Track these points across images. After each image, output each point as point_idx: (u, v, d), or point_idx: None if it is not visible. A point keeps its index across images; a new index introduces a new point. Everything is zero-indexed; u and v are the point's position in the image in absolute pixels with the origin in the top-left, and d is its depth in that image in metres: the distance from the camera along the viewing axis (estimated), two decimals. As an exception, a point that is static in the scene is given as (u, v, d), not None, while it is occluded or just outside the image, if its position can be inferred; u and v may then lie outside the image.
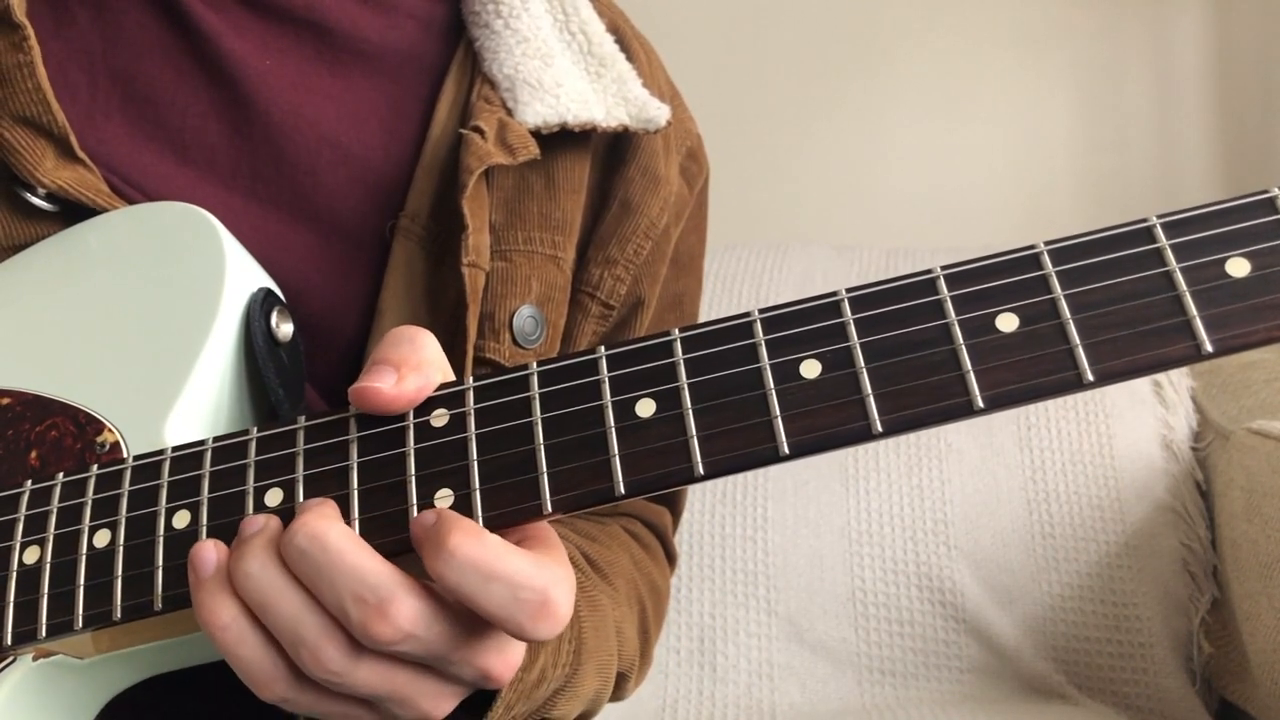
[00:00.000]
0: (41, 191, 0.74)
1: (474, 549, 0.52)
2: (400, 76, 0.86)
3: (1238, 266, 0.48)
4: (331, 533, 0.53)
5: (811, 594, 1.42)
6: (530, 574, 0.52)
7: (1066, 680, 1.36)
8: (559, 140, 0.83)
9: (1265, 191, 0.49)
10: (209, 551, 0.55)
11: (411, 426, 0.57)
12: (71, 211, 0.74)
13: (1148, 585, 1.37)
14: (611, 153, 0.89)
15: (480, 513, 0.54)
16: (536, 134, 0.82)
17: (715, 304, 1.59)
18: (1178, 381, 1.48)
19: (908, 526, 1.43)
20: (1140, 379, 1.46)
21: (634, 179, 0.88)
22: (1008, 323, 0.50)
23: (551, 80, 0.84)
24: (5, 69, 0.74)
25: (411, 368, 0.57)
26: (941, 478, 1.45)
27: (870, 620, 1.40)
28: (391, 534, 0.55)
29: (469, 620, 0.54)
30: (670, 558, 1.02)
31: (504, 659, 0.57)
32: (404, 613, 0.52)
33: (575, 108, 0.83)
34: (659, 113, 0.85)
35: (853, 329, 0.52)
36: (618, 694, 0.87)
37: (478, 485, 0.55)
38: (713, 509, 1.47)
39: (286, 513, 0.57)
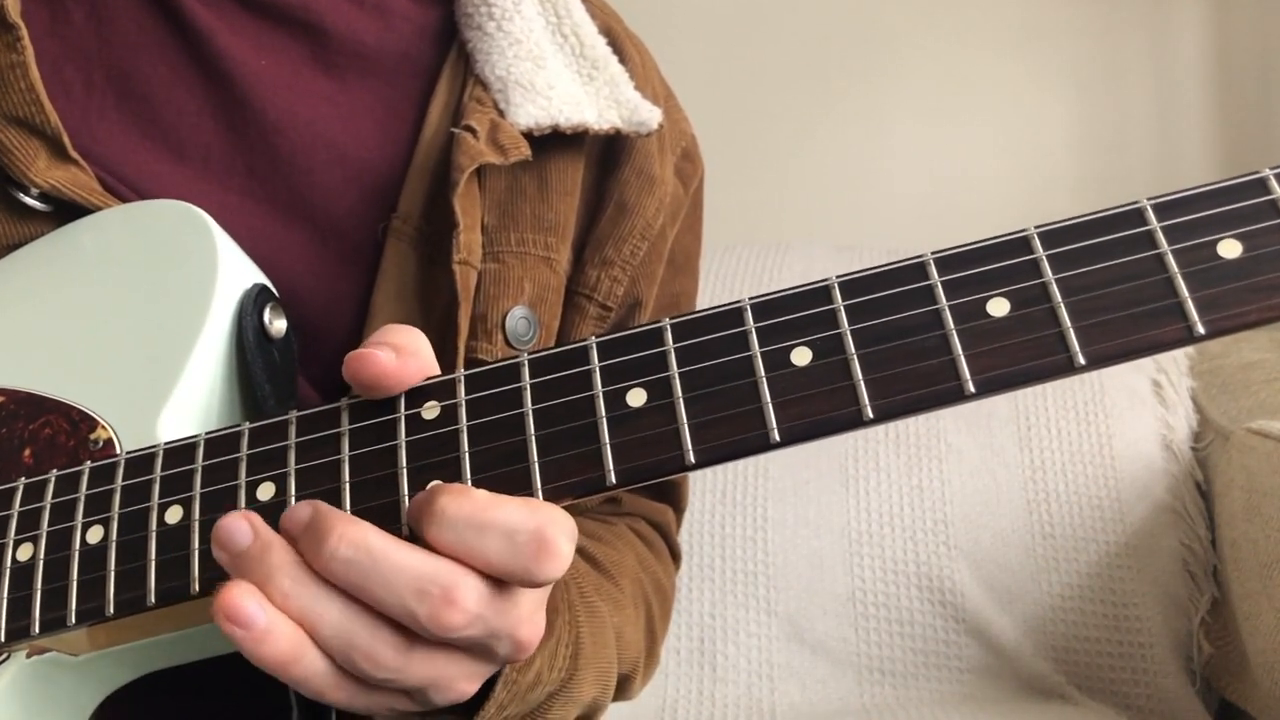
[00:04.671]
0: (34, 191, 0.74)
1: (462, 505, 0.52)
2: (394, 78, 0.86)
3: (1229, 248, 0.48)
4: (370, 535, 0.53)
5: (811, 594, 1.42)
6: (523, 517, 0.52)
7: (1066, 680, 1.36)
8: (552, 142, 0.83)
9: (1256, 172, 0.49)
10: (245, 597, 0.53)
11: (403, 419, 0.57)
12: (65, 211, 0.74)
13: (1148, 585, 1.37)
14: (606, 154, 0.88)
15: (473, 504, 0.54)
16: (529, 136, 0.82)
17: (715, 304, 1.59)
18: (1178, 381, 1.48)
19: (908, 526, 1.43)
20: (1140, 379, 1.47)
21: (629, 180, 0.88)
22: (999, 307, 0.50)
23: (544, 82, 0.84)
24: None
25: (410, 353, 0.57)
26: (941, 478, 1.45)
27: (870, 620, 1.40)
28: (385, 527, 0.55)
29: (509, 591, 0.54)
30: (674, 555, 1.02)
31: (535, 626, 0.57)
32: (470, 596, 0.52)
33: (567, 110, 0.83)
34: (650, 116, 0.85)
35: (843, 315, 0.52)
36: (623, 694, 0.87)
37: (469, 477, 0.55)
38: (713, 509, 1.47)
39: (278, 506, 0.57)
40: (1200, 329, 0.48)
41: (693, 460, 0.52)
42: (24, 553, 0.60)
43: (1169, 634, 1.35)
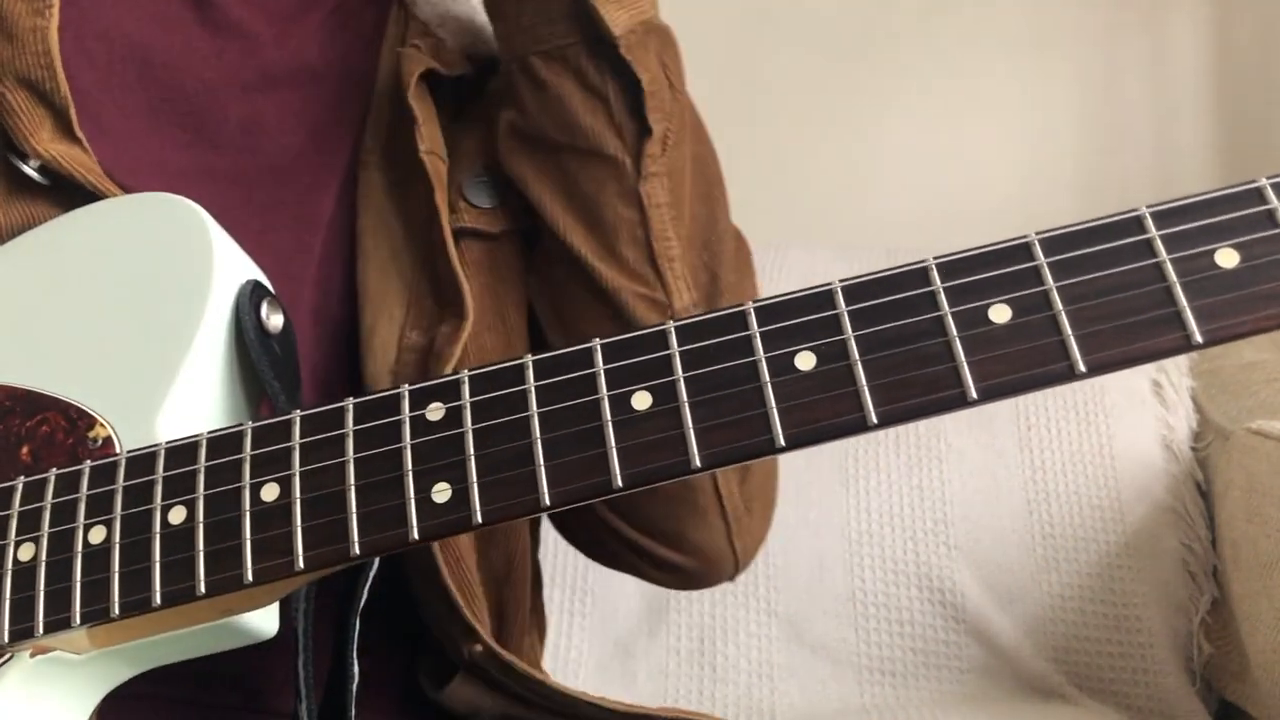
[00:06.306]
0: (34, 162, 0.74)
1: None
2: (361, 25, 0.90)
3: (1227, 257, 0.49)
4: None
5: (811, 594, 1.42)
6: None
7: (1066, 680, 1.36)
8: (488, 69, 0.89)
9: (1253, 181, 0.50)
10: None
11: (407, 420, 0.57)
12: (63, 189, 0.75)
13: (1148, 585, 1.37)
14: None
15: (479, 507, 0.54)
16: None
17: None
18: (1178, 381, 1.48)
19: (908, 526, 1.43)
20: (1140, 380, 1.47)
21: None
22: (1001, 314, 0.50)
23: (480, 24, 0.89)
24: (19, 30, 0.75)
25: None
26: (941, 478, 1.45)
27: (870, 620, 1.40)
28: (389, 530, 0.55)
29: None
30: None
31: None
32: None
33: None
34: None
35: (846, 321, 0.52)
36: None
37: (475, 479, 0.54)
38: (712, 509, 1.47)
39: (283, 509, 0.57)
40: (1198, 338, 0.48)
41: (699, 464, 0.52)
42: (25, 553, 0.60)
43: (1169, 634, 1.35)
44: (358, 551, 0.55)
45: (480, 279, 0.81)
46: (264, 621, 0.65)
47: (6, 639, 0.60)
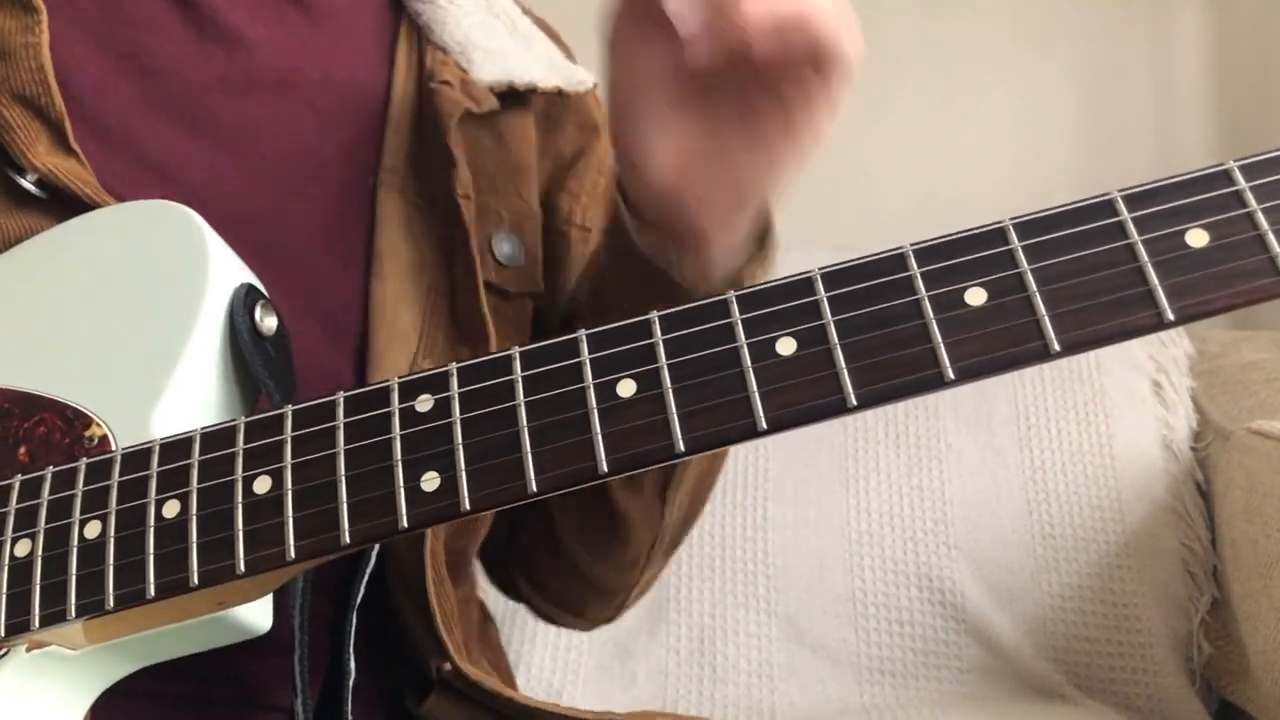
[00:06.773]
0: (32, 176, 0.75)
1: None
2: (361, 41, 0.90)
3: (1197, 237, 0.50)
4: None
5: (811, 594, 1.42)
6: None
7: (1066, 680, 1.36)
8: (504, 101, 0.89)
9: (1221, 164, 0.51)
10: None
11: (397, 412, 0.57)
12: (61, 203, 0.75)
13: (1148, 585, 1.37)
14: (547, 118, 0.94)
15: (467, 494, 0.55)
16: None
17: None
18: (1178, 381, 1.48)
19: (908, 526, 1.43)
20: (1140, 380, 1.47)
21: (575, 134, 0.95)
22: (976, 297, 0.51)
23: (497, 46, 0.90)
24: (12, 46, 0.75)
25: None
26: (941, 478, 1.45)
27: (870, 620, 1.41)
28: (379, 518, 0.56)
29: None
30: None
31: None
32: None
33: (519, 70, 0.89)
34: (587, 76, 0.93)
35: (826, 306, 0.53)
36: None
37: (463, 468, 0.55)
38: (712, 509, 1.47)
39: (275, 500, 0.57)
40: (1170, 315, 0.49)
41: (682, 448, 0.53)
42: (22, 548, 0.61)
43: (1169, 634, 1.36)
44: (348, 540, 0.56)
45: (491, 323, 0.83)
46: (258, 616, 0.65)
47: (3, 633, 0.60)
